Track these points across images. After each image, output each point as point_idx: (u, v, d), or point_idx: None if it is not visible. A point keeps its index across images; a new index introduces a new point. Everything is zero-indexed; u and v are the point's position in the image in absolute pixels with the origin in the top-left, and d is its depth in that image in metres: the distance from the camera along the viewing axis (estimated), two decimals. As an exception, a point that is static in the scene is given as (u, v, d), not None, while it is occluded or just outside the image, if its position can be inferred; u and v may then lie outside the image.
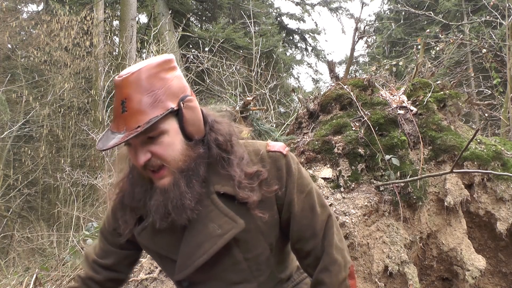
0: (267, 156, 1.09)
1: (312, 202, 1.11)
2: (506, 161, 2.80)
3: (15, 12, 11.57)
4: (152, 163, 0.99)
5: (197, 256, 1.04)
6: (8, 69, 11.09)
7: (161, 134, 0.97)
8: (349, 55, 4.72)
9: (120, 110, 0.96)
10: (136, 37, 9.44)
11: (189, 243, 1.05)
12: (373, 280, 2.40)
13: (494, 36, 6.12)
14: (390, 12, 15.51)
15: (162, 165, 0.99)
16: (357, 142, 2.71)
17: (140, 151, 0.98)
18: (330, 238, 1.10)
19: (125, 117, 0.95)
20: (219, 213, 1.03)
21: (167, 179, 1.00)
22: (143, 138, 0.97)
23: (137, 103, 0.95)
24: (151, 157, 0.98)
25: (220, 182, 1.05)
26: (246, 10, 12.19)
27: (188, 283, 1.12)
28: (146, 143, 0.98)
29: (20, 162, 10.22)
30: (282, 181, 1.08)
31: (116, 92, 0.99)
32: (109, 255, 1.20)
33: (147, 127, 0.93)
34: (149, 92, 0.95)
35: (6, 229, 8.63)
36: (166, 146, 0.98)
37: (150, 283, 2.60)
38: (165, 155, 0.98)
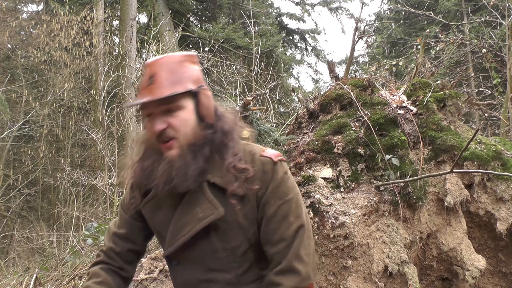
0: (258, 159, 1.18)
1: (287, 211, 1.16)
2: (506, 161, 2.80)
3: (15, 12, 11.57)
4: (166, 133, 1.11)
5: (180, 236, 1.14)
6: (8, 69, 11.09)
7: (178, 109, 1.11)
8: (349, 55, 4.72)
9: (148, 83, 1.11)
10: (136, 37, 9.44)
11: (177, 222, 1.15)
12: (373, 280, 2.40)
13: (494, 36, 6.12)
14: (390, 12, 15.51)
15: (174, 137, 1.11)
16: (357, 142, 2.71)
17: (158, 120, 1.11)
18: (295, 247, 1.13)
19: (151, 88, 1.10)
20: (205, 199, 1.13)
21: (175, 151, 1.12)
22: (163, 109, 1.10)
23: (163, 79, 1.10)
24: (166, 127, 1.10)
25: (212, 173, 1.15)
26: (246, 10, 12.19)
27: (177, 262, 1.21)
28: (165, 114, 1.11)
29: (20, 162, 10.22)
30: (264, 183, 1.16)
31: (146, 72, 1.14)
32: (125, 225, 1.31)
33: (169, 95, 1.07)
34: (174, 73, 1.12)
35: (6, 229, 8.63)
36: (181, 120, 1.11)
37: (150, 283, 2.60)
38: (179, 128, 1.11)
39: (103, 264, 1.29)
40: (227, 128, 1.18)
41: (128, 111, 6.21)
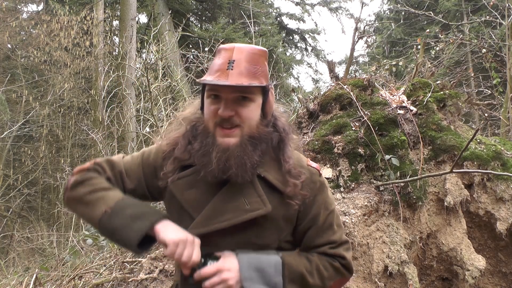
0: (307, 168, 1.22)
1: (332, 220, 1.23)
2: (506, 161, 2.80)
3: (15, 12, 11.57)
4: (231, 120, 1.10)
5: (218, 221, 1.12)
6: (8, 69, 11.09)
7: (250, 100, 1.11)
8: (349, 55, 4.72)
9: (226, 67, 1.09)
10: (136, 37, 9.43)
11: (215, 206, 1.13)
12: (373, 280, 2.41)
13: (494, 36, 6.12)
14: (390, 12, 15.52)
15: (238, 125, 1.11)
16: (357, 142, 2.71)
17: (228, 106, 1.09)
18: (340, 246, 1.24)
19: (230, 73, 1.08)
20: (254, 192, 1.14)
21: (235, 139, 1.11)
22: (236, 96, 1.10)
23: (244, 67, 1.10)
24: (234, 115, 1.10)
25: (264, 167, 1.16)
26: (246, 10, 12.19)
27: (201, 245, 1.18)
28: (236, 102, 1.10)
29: (20, 162, 10.22)
30: (312, 192, 1.20)
31: (223, 55, 1.12)
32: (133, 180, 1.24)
33: (251, 85, 1.08)
34: (254, 65, 1.12)
35: (6, 229, 8.63)
36: (249, 111, 1.11)
37: (150, 283, 2.60)
38: (245, 118, 1.11)
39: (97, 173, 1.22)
40: (286, 129, 1.22)
41: (199, 84, 6.16)
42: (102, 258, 3.88)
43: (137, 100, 7.97)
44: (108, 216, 1.08)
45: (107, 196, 1.12)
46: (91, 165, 1.23)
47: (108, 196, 1.12)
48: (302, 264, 1.16)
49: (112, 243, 3.74)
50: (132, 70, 8.28)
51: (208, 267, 1.08)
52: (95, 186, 1.14)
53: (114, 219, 1.08)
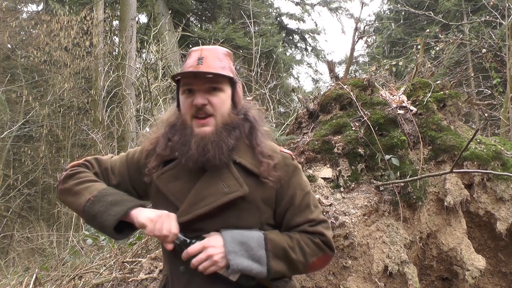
0: (279, 153, 1.31)
1: (309, 201, 1.30)
2: (506, 161, 2.80)
3: (15, 12, 11.57)
4: (205, 109, 1.20)
5: (200, 206, 1.19)
6: (8, 69, 11.09)
7: (220, 90, 1.22)
8: (349, 55, 4.72)
9: (196, 63, 1.22)
10: (136, 37, 9.43)
11: (197, 193, 1.21)
12: (373, 280, 2.41)
13: (494, 36, 6.12)
14: (390, 12, 15.51)
15: (211, 114, 1.21)
16: (357, 142, 2.71)
17: (201, 96, 1.20)
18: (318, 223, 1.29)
19: (200, 67, 1.21)
20: (231, 176, 1.22)
21: (210, 128, 1.21)
22: (207, 86, 1.21)
23: (212, 62, 1.22)
24: (207, 103, 1.20)
25: (239, 154, 1.25)
26: (246, 10, 12.19)
27: (183, 234, 1.22)
28: (208, 92, 1.21)
29: (20, 162, 10.22)
30: (287, 174, 1.27)
31: (192, 56, 1.26)
32: (117, 176, 1.36)
33: (220, 73, 1.19)
34: (221, 60, 1.25)
35: (6, 229, 8.63)
36: (221, 100, 1.22)
37: (150, 283, 2.60)
38: (217, 106, 1.21)
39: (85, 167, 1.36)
40: (257, 119, 1.32)
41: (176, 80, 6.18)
42: (102, 258, 3.88)
43: (137, 100, 7.97)
44: (91, 203, 1.20)
45: (92, 187, 1.24)
46: (81, 161, 1.36)
47: (93, 187, 1.24)
48: (284, 240, 1.21)
49: (112, 243, 3.74)
50: (132, 70, 8.28)
51: (194, 245, 1.15)
52: (82, 179, 1.27)
53: (95, 206, 1.19)
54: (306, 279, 2.36)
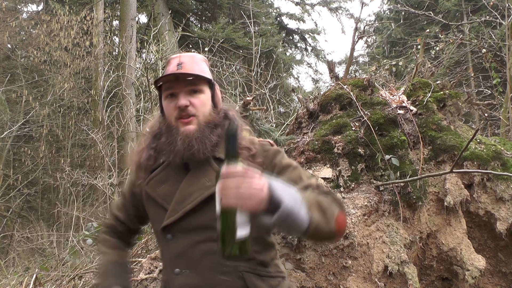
0: (257, 143, 1.35)
1: (298, 174, 1.28)
2: (506, 161, 2.80)
3: (15, 12, 11.57)
4: (187, 110, 1.26)
5: (187, 203, 1.23)
6: (8, 69, 11.08)
7: (200, 92, 1.29)
8: (349, 55, 4.72)
9: (176, 68, 1.29)
10: (136, 37, 9.43)
11: (182, 191, 1.26)
12: (373, 280, 2.41)
13: (494, 36, 6.12)
14: (390, 12, 15.51)
15: (194, 114, 1.27)
16: (357, 142, 2.71)
17: (183, 97, 1.26)
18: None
19: (180, 71, 1.28)
20: (212, 170, 1.26)
21: (193, 126, 1.27)
22: (188, 89, 1.27)
23: (191, 66, 1.30)
24: (189, 104, 1.26)
25: (218, 150, 1.30)
26: (246, 10, 12.19)
27: (171, 235, 1.26)
28: (189, 94, 1.28)
29: (20, 162, 10.21)
30: (267, 159, 1.30)
31: (172, 62, 1.33)
32: (123, 209, 1.48)
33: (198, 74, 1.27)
34: (199, 65, 1.32)
35: (6, 229, 8.63)
36: (201, 101, 1.29)
37: (150, 283, 2.60)
38: (199, 107, 1.28)
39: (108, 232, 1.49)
40: (236, 117, 1.38)
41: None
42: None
43: (137, 100, 7.97)
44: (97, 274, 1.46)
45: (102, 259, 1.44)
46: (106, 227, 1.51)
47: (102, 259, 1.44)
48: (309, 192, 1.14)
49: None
50: (132, 70, 8.28)
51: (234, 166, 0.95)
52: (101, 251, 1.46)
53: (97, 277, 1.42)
54: (306, 279, 2.36)
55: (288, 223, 0.97)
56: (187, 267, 1.22)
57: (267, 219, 0.97)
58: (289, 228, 1.00)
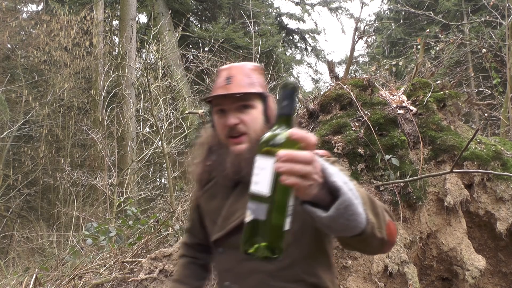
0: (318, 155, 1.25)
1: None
2: (506, 161, 2.80)
3: (15, 12, 11.57)
4: (237, 129, 1.20)
5: (231, 220, 1.20)
6: (8, 69, 11.09)
7: (251, 107, 1.22)
8: (349, 55, 4.72)
9: (225, 83, 1.23)
10: (136, 37, 9.43)
11: (228, 208, 1.23)
12: (373, 280, 2.40)
13: (494, 36, 6.12)
14: (390, 12, 15.51)
15: (244, 132, 1.21)
16: (357, 142, 2.71)
17: (232, 115, 1.21)
18: None
19: (228, 87, 1.21)
20: None
21: (244, 145, 1.21)
22: (238, 105, 1.21)
23: (240, 80, 1.22)
24: (239, 122, 1.20)
25: None
26: (246, 10, 12.19)
27: (222, 249, 1.26)
28: (239, 111, 1.21)
29: (20, 162, 10.22)
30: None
31: (221, 74, 1.27)
32: (191, 223, 1.48)
33: (247, 91, 1.19)
34: (248, 77, 1.24)
35: (6, 229, 8.64)
36: (252, 117, 1.22)
37: (150, 283, 2.60)
38: (250, 124, 1.21)
39: (184, 257, 1.48)
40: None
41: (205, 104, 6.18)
42: (102, 258, 3.88)
43: (137, 100, 7.97)
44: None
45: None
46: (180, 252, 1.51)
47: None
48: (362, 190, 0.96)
49: (112, 243, 3.74)
50: (132, 70, 8.28)
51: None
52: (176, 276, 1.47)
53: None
54: (306, 279, 2.36)
55: (345, 218, 0.78)
56: (234, 281, 1.21)
57: (319, 212, 0.78)
58: (345, 227, 0.79)
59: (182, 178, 6.72)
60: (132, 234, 4.08)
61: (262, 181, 0.76)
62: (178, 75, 8.52)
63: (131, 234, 4.10)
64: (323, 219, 0.78)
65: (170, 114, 7.15)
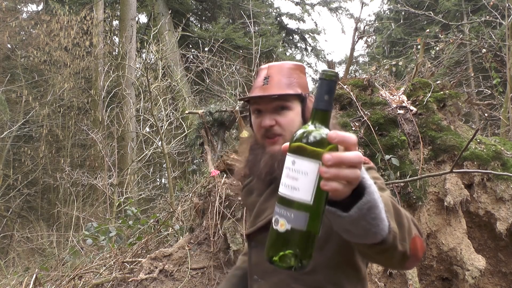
0: None
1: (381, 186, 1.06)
2: (506, 161, 2.80)
3: (15, 12, 11.57)
4: (273, 130, 1.19)
5: (261, 219, 1.22)
6: (8, 69, 11.09)
7: (288, 109, 1.19)
8: (349, 55, 4.72)
9: (262, 83, 1.21)
10: (135, 37, 9.44)
11: (260, 206, 1.24)
12: (373, 280, 2.40)
13: (494, 36, 6.12)
14: (390, 12, 15.51)
15: (280, 134, 1.19)
16: (357, 142, 2.71)
17: (268, 116, 1.19)
18: None
19: (266, 88, 1.20)
20: None
21: (279, 146, 1.17)
22: (274, 106, 1.19)
23: (278, 80, 1.20)
24: (275, 124, 1.19)
25: None
26: (246, 10, 12.19)
27: (255, 244, 1.27)
28: (275, 112, 1.19)
29: (20, 162, 10.22)
30: None
31: (260, 74, 1.25)
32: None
33: (283, 93, 1.17)
34: (287, 77, 1.21)
35: (6, 229, 8.64)
36: (288, 119, 1.20)
37: (150, 283, 2.60)
38: (286, 125, 1.19)
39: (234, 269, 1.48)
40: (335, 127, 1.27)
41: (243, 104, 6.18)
42: (102, 258, 3.88)
43: (137, 100, 7.97)
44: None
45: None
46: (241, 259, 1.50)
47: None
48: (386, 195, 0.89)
49: (112, 243, 3.74)
50: (132, 70, 8.28)
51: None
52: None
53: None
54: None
55: (367, 221, 0.70)
56: (261, 277, 1.23)
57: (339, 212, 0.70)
58: (365, 231, 0.72)
59: (182, 178, 6.73)
60: (132, 234, 4.08)
61: (304, 187, 0.66)
62: (178, 75, 8.53)
63: (131, 234, 4.10)
64: (343, 220, 0.70)
65: (170, 114, 7.15)
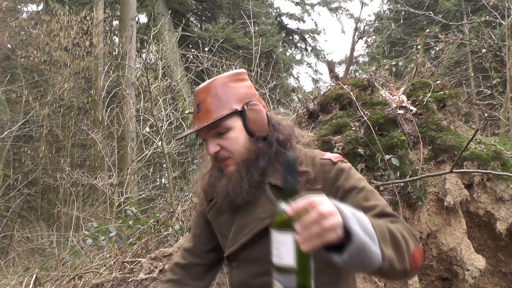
0: (318, 162, 1.20)
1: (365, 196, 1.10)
2: (505, 161, 2.80)
3: (15, 12, 11.57)
4: (220, 155, 1.18)
5: (242, 235, 1.18)
6: (8, 69, 11.09)
7: (227, 130, 1.17)
8: (349, 55, 4.72)
9: (196, 111, 1.20)
10: (135, 37, 9.43)
11: (238, 223, 1.20)
12: (373, 280, 2.41)
13: (494, 36, 6.12)
14: (390, 12, 15.52)
15: (228, 156, 1.18)
16: (357, 142, 2.71)
17: (210, 144, 1.18)
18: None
19: (199, 117, 1.18)
20: (267, 200, 1.16)
21: (232, 167, 1.18)
22: (213, 133, 1.17)
23: (208, 104, 1.17)
24: (220, 149, 1.17)
25: (273, 175, 1.18)
26: (246, 10, 12.19)
27: (237, 264, 1.24)
28: (216, 137, 1.18)
29: (20, 162, 10.22)
30: (327, 182, 1.14)
31: (195, 99, 1.23)
32: (192, 238, 1.42)
33: (211, 122, 1.14)
34: (217, 97, 1.17)
35: (6, 229, 8.64)
36: (231, 140, 1.17)
37: (150, 283, 2.60)
38: (230, 148, 1.17)
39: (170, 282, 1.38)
40: (282, 138, 1.21)
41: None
42: (102, 258, 3.88)
43: (137, 100, 7.98)
44: None
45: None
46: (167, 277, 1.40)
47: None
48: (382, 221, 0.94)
49: (112, 243, 3.74)
50: (132, 70, 8.28)
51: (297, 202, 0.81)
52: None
53: None
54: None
55: (358, 261, 0.81)
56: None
57: (333, 256, 0.82)
58: (359, 267, 0.83)
59: (182, 178, 6.72)
60: (132, 234, 4.08)
61: (285, 255, 0.82)
62: (178, 75, 8.53)
63: (131, 234, 4.10)
64: (337, 263, 0.82)
65: (170, 114, 7.15)
